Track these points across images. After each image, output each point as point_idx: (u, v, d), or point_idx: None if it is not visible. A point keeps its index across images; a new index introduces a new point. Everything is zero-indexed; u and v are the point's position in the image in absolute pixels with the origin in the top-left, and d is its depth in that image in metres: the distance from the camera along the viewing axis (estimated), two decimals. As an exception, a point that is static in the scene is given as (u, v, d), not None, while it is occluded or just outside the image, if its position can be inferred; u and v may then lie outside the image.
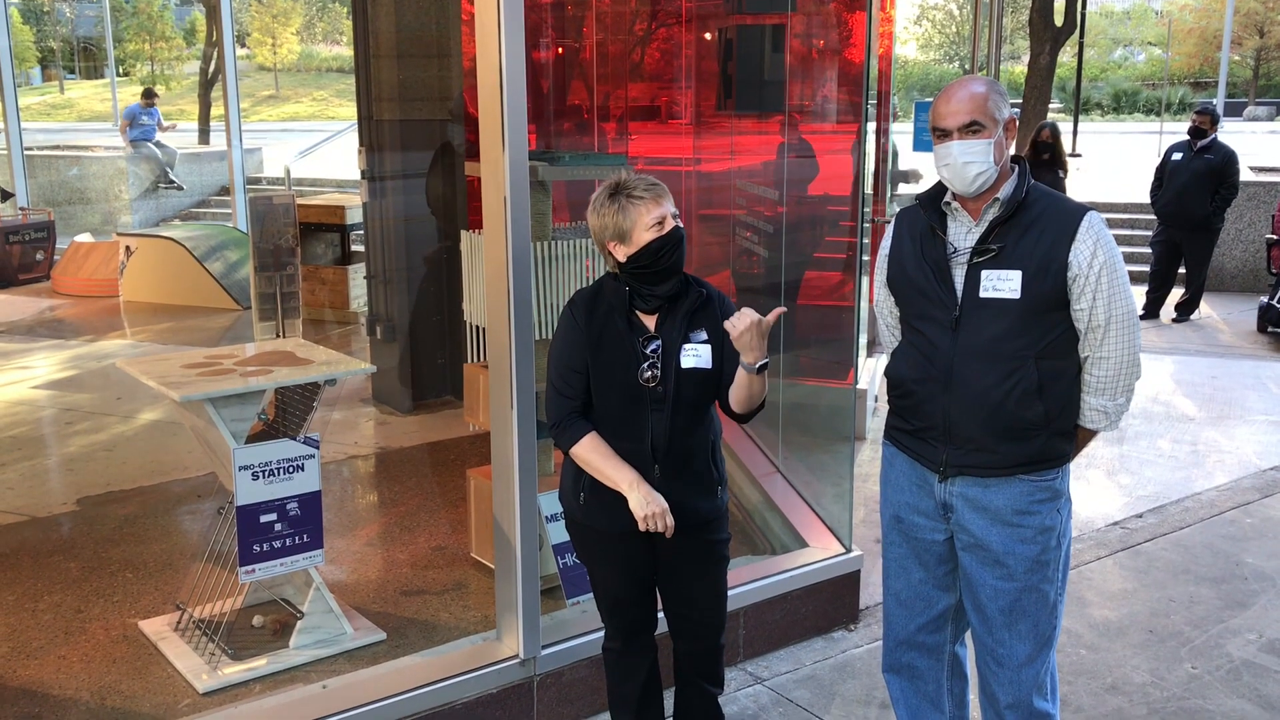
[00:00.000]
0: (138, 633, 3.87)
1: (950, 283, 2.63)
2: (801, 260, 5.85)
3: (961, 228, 2.65)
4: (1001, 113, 2.56)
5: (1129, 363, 2.62)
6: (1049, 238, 2.56)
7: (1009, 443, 2.61)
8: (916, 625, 2.88)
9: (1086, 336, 2.60)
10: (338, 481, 5.48)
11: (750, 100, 6.06)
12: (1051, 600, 2.71)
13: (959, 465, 2.67)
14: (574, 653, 3.57)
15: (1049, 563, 2.68)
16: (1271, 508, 5.53)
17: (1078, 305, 2.58)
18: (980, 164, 2.56)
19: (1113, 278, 2.56)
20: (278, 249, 6.52)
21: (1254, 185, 11.57)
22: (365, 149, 6.57)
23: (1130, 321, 2.60)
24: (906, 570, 2.85)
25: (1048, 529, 2.67)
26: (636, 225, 2.80)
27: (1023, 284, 2.55)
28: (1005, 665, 2.74)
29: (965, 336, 2.60)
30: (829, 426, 5.30)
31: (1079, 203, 2.64)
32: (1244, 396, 7.58)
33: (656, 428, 2.87)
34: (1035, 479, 2.65)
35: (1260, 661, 4.03)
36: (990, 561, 2.68)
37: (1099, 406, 2.67)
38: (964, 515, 2.69)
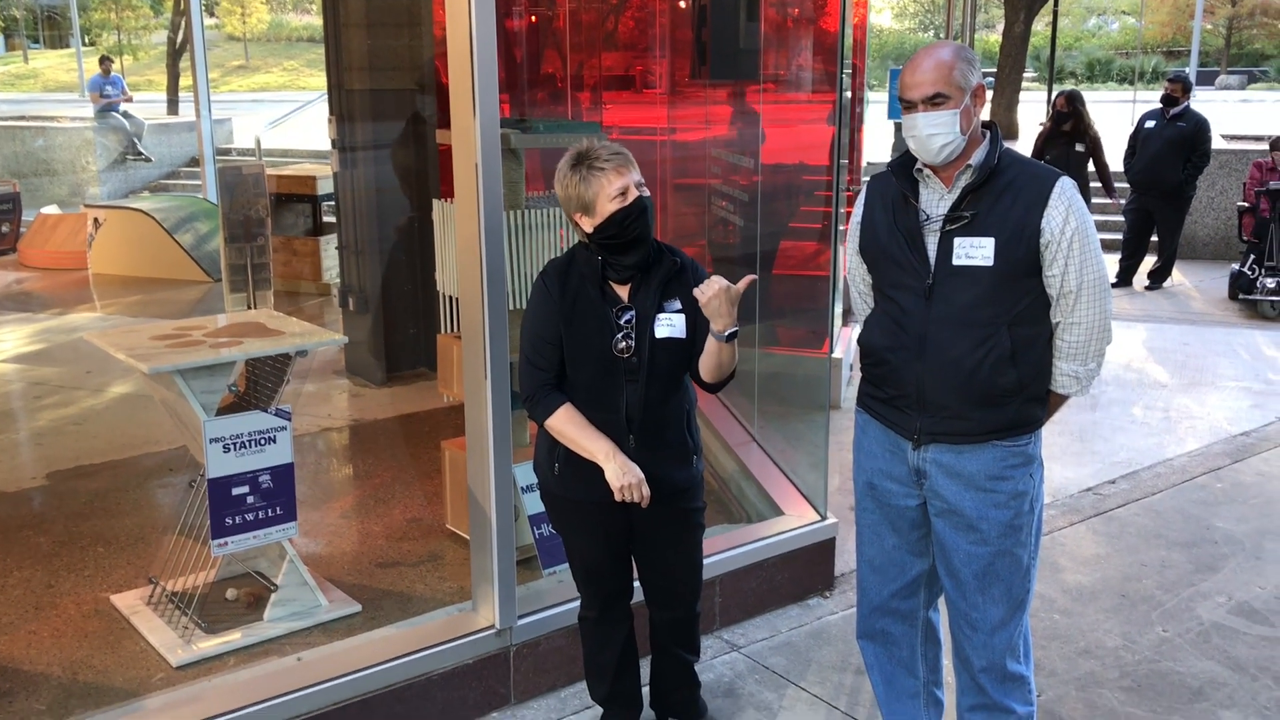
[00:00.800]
0: (110, 607, 3.84)
1: (923, 250, 2.62)
2: (777, 230, 5.83)
3: (934, 195, 2.64)
4: (969, 80, 2.54)
5: (1100, 328, 2.62)
6: (1022, 204, 2.54)
7: (982, 410, 2.61)
8: (890, 591, 2.89)
9: (1058, 303, 2.60)
10: (312, 454, 5.45)
11: (724, 69, 6.02)
12: (1025, 564, 2.72)
13: (932, 432, 2.67)
14: (550, 622, 3.56)
15: (1022, 527, 2.69)
16: (1241, 473, 5.59)
17: (1050, 272, 2.57)
18: (945, 135, 2.54)
19: (1085, 244, 2.55)
20: (248, 220, 6.46)
21: (1226, 153, 11.62)
22: (335, 118, 6.49)
23: (1101, 287, 2.60)
24: (880, 536, 2.86)
25: (1020, 494, 2.67)
26: (599, 196, 2.77)
27: (995, 251, 2.54)
28: (979, 629, 2.75)
29: (938, 304, 2.60)
30: (805, 395, 5.31)
31: (1051, 168, 2.63)
32: (1215, 363, 7.64)
33: (631, 398, 2.85)
34: (1008, 444, 2.65)
35: (1229, 624, 4.08)
36: (964, 526, 2.69)
37: (1070, 372, 2.67)
38: (937, 481, 2.69)
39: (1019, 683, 2.80)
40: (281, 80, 44.50)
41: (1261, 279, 9.15)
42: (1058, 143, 9.40)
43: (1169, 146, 9.62)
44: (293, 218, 9.53)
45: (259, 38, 49.56)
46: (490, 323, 3.26)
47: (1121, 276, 10.26)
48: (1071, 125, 9.39)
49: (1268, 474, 5.56)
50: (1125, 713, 3.52)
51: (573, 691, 3.59)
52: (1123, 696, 3.61)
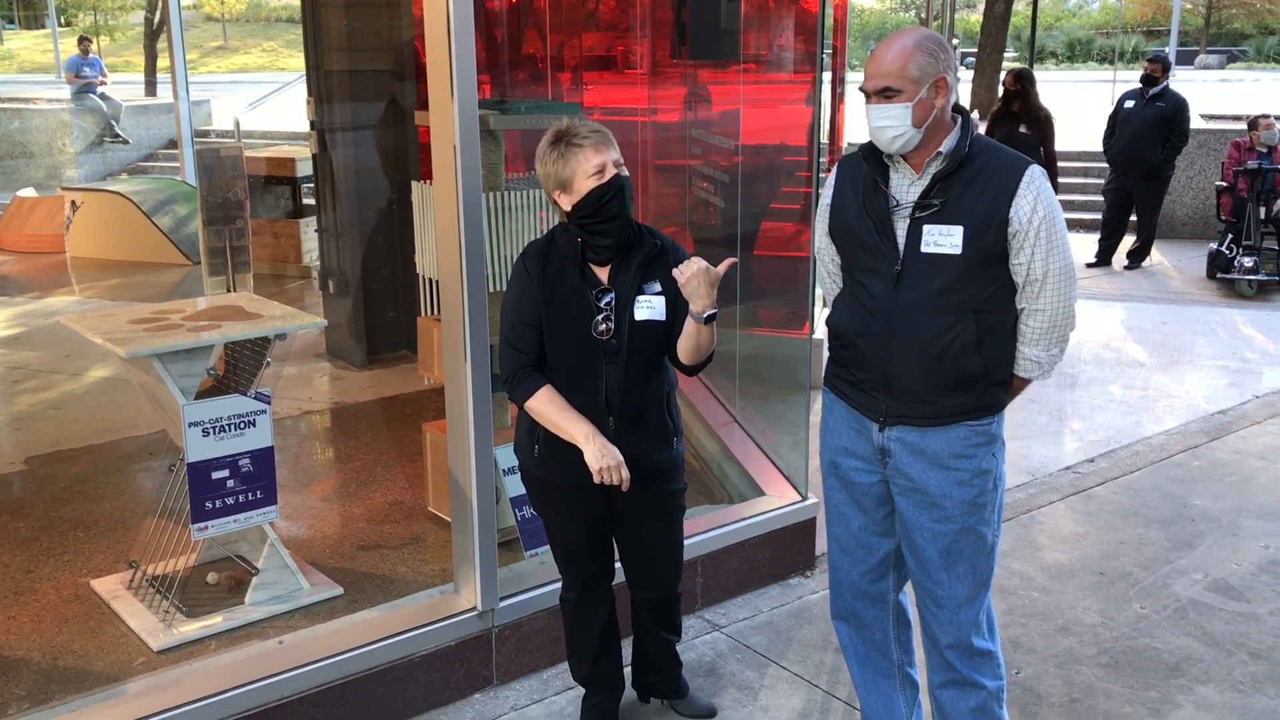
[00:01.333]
0: (90, 592, 3.83)
1: (892, 236, 2.63)
2: (757, 211, 5.83)
3: (904, 180, 2.64)
4: (926, 73, 2.52)
5: (1064, 315, 2.64)
6: (991, 193, 2.55)
7: (948, 394, 2.64)
8: (859, 572, 2.91)
9: (1024, 289, 2.62)
10: (293, 437, 5.43)
11: (705, 49, 6.01)
12: (988, 541, 2.75)
13: (898, 415, 2.69)
14: (532, 604, 3.57)
15: (985, 505, 2.71)
16: (1218, 450, 5.63)
17: (1016, 260, 2.59)
18: (895, 128, 2.55)
19: (1051, 232, 2.57)
20: (226, 202, 6.42)
21: (1204, 133, 11.67)
22: (314, 100, 6.44)
23: (1067, 275, 2.61)
24: (846, 517, 2.88)
25: (983, 472, 2.69)
26: (577, 173, 2.77)
27: (964, 240, 2.55)
28: (944, 606, 2.77)
29: (906, 290, 2.61)
30: (785, 376, 5.31)
31: (1021, 156, 2.64)
32: (1193, 342, 7.69)
33: (611, 380, 2.85)
34: (972, 424, 2.67)
35: (1205, 600, 4.12)
36: (927, 505, 2.71)
37: (1033, 357, 2.69)
38: (901, 459, 2.72)
39: (987, 658, 2.82)
40: (260, 61, 44.18)
41: (1239, 258, 9.21)
42: (1004, 123, 9.20)
43: (1148, 126, 9.67)
44: (272, 200, 9.47)
45: (237, 18, 49.16)
46: (470, 305, 3.25)
47: (1101, 256, 10.31)
48: (1019, 105, 9.00)
49: (1244, 452, 5.61)
50: (1103, 689, 3.56)
51: (555, 672, 3.61)
52: (1100, 673, 3.65)
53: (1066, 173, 13.39)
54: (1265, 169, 9.28)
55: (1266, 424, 6.02)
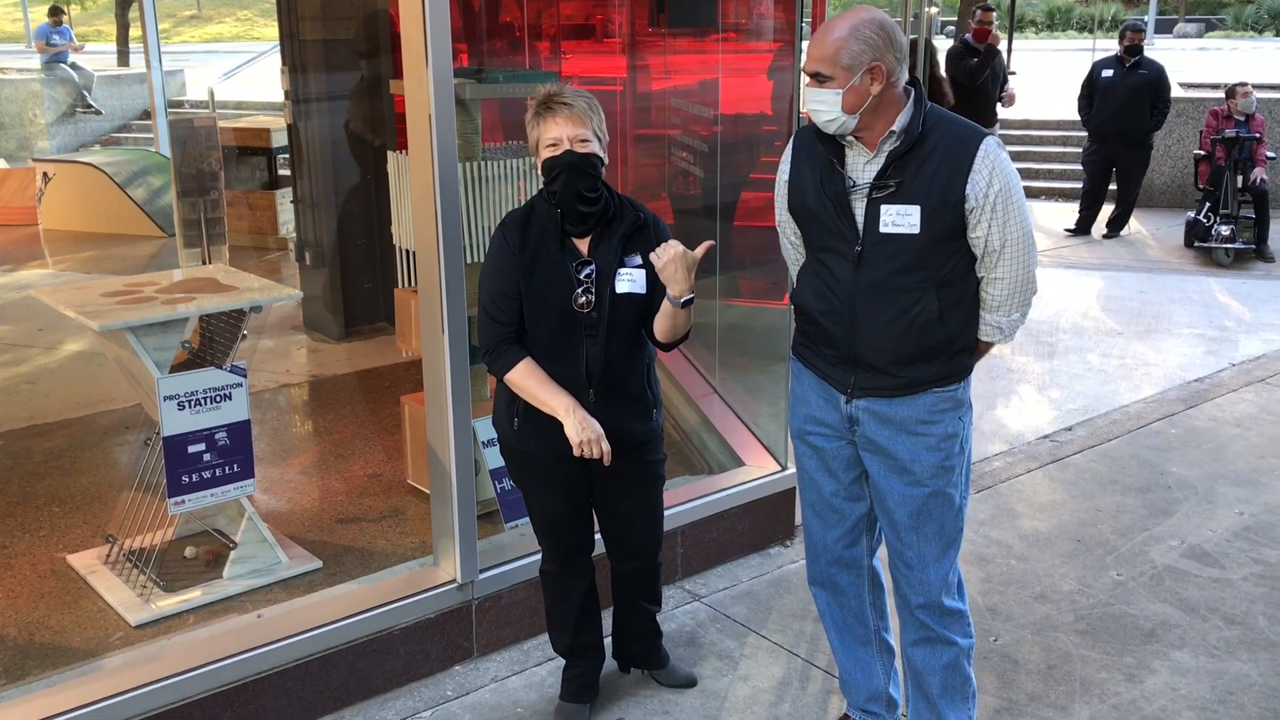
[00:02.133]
0: (66, 567, 3.80)
1: (851, 217, 2.63)
2: (737, 181, 5.80)
3: (860, 159, 2.63)
4: (860, 60, 2.50)
5: (1024, 281, 2.66)
6: (945, 171, 2.55)
7: (913, 366, 2.66)
8: (834, 537, 2.93)
9: (983, 259, 2.64)
10: (271, 410, 5.40)
11: (683, 17, 5.96)
12: (957, 503, 2.79)
13: (865, 388, 2.72)
14: (512, 576, 3.57)
15: (953, 468, 2.74)
16: (1195, 418, 5.67)
17: (974, 233, 2.60)
18: (827, 113, 2.55)
19: (1007, 203, 2.57)
20: (201, 174, 6.35)
21: (1183, 101, 11.68)
22: (288, 69, 6.37)
23: (1025, 243, 2.62)
24: (817, 483, 2.90)
25: (951, 436, 2.72)
26: (540, 140, 2.79)
27: (922, 219, 2.56)
28: (914, 567, 2.81)
29: (867, 270, 2.62)
30: (765, 347, 5.31)
31: (975, 128, 2.62)
32: (1170, 310, 7.73)
33: (591, 353, 2.84)
34: (939, 391, 2.70)
35: (1181, 566, 4.16)
36: (897, 469, 2.74)
37: (994, 322, 2.71)
38: (869, 427, 2.74)
39: (957, 616, 2.86)
40: (235, 31, 43.63)
41: (1216, 226, 9.25)
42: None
43: (1133, 94, 9.69)
44: (247, 171, 9.38)
45: (211, -14, 48.46)
46: (447, 276, 3.23)
47: (1080, 225, 10.34)
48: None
49: (1220, 419, 5.65)
50: (1080, 655, 3.59)
51: (535, 644, 3.61)
52: (1077, 639, 3.68)
53: (1047, 142, 13.42)
54: (1243, 137, 9.31)
55: (1242, 391, 6.06)
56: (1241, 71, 19.26)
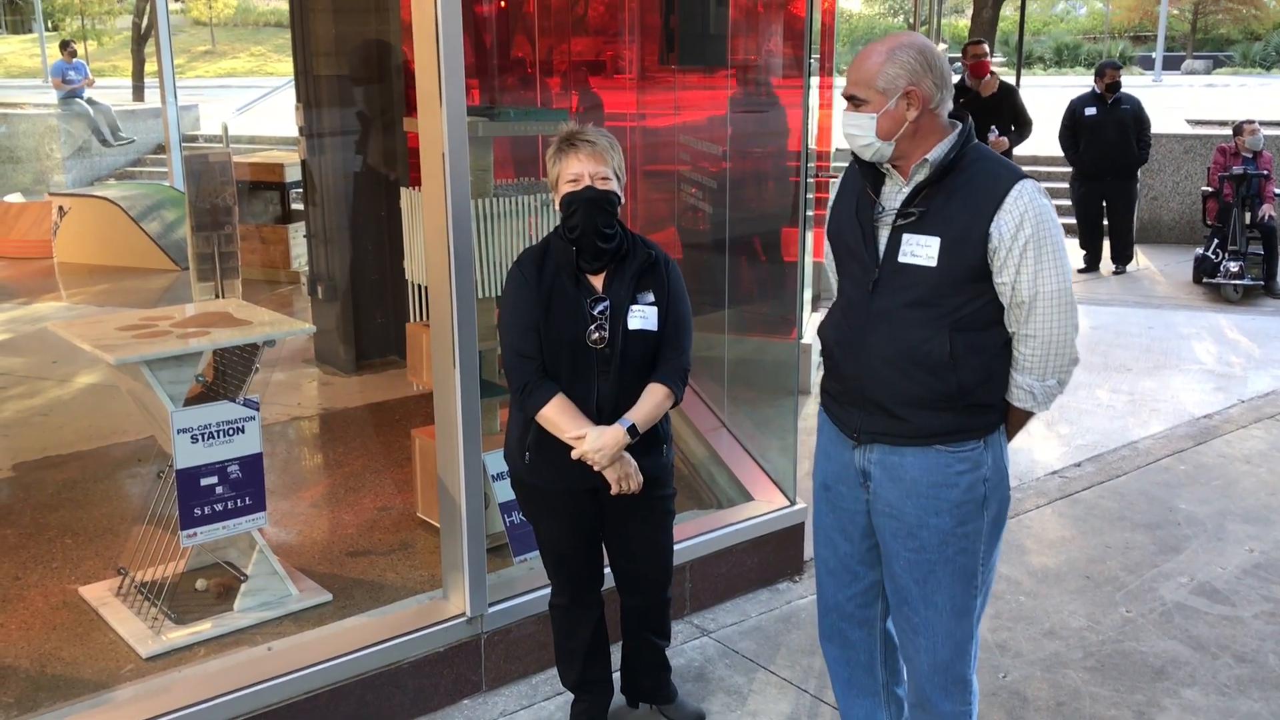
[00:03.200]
0: (78, 599, 3.82)
1: (874, 244, 2.56)
2: (746, 215, 5.84)
3: (894, 187, 2.57)
4: (896, 83, 2.44)
5: (1060, 343, 2.49)
6: (972, 206, 2.44)
7: (920, 411, 2.52)
8: (846, 595, 2.82)
9: (1010, 312, 2.49)
10: (282, 443, 5.43)
11: (693, 54, 6.02)
12: (970, 573, 2.62)
13: (871, 432, 2.59)
14: (521, 610, 3.58)
15: (967, 534, 2.58)
16: (1204, 455, 5.67)
17: (1000, 279, 2.46)
18: (863, 137, 2.49)
19: (1040, 252, 2.43)
20: (215, 208, 6.41)
21: (1190, 138, 11.74)
22: (303, 105, 6.44)
23: (1061, 300, 2.47)
24: (834, 543, 2.79)
25: (965, 502, 2.56)
26: (560, 176, 2.83)
27: (940, 252, 2.44)
28: (920, 634, 2.68)
29: (880, 299, 2.53)
30: (774, 381, 5.33)
31: (1014, 168, 2.50)
32: (1179, 346, 7.73)
33: (603, 388, 2.87)
34: (951, 450, 2.55)
35: (1191, 604, 4.15)
36: (903, 533, 2.61)
37: (1025, 385, 2.54)
38: (880, 484, 2.62)
39: (960, 686, 2.72)
40: (249, 65, 44.09)
41: (1225, 263, 9.26)
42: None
43: (1120, 130, 9.81)
44: (261, 205, 9.47)
45: (225, 22, 49.06)
46: (459, 311, 3.26)
47: (1088, 262, 10.36)
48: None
49: (1230, 456, 5.64)
50: (1089, 692, 3.58)
51: (544, 678, 3.61)
52: (1087, 676, 3.67)
53: (1055, 178, 13.47)
54: (1250, 174, 9.34)
55: (1252, 428, 6.06)
56: (1249, 108, 19.33)
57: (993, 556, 2.68)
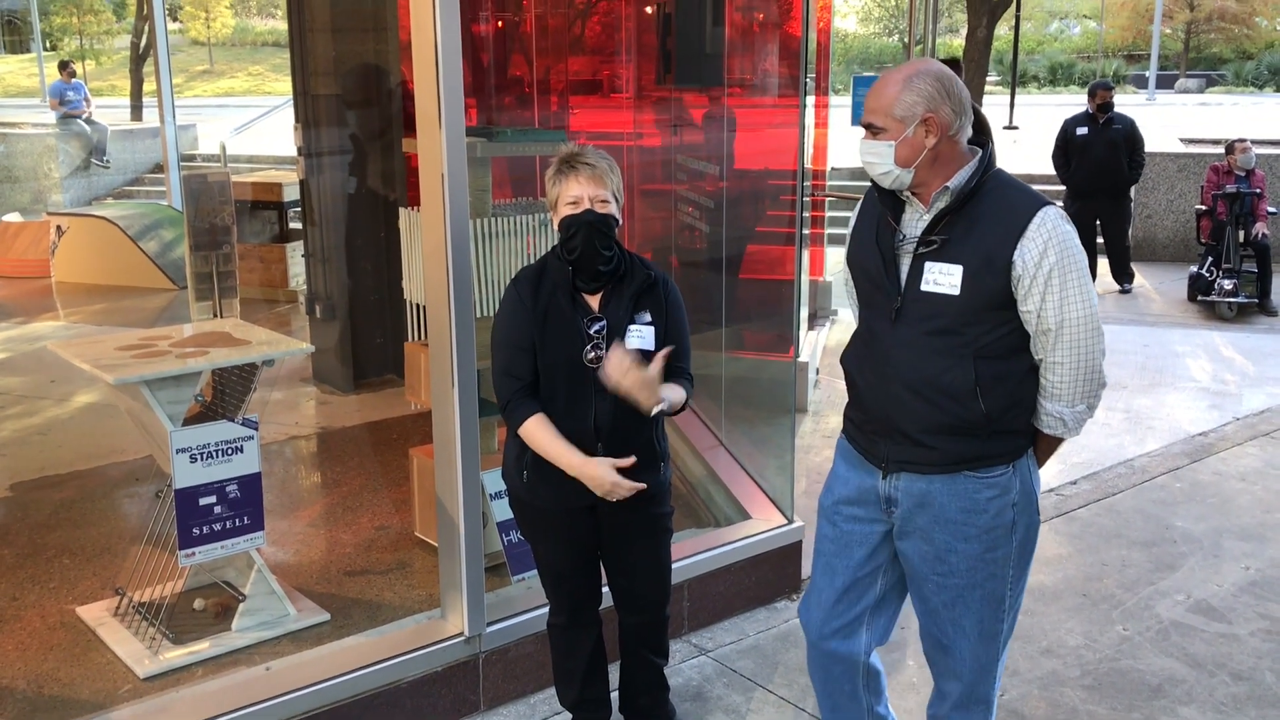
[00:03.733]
0: (75, 619, 3.82)
1: (896, 272, 2.54)
2: (743, 234, 5.87)
3: (914, 215, 2.55)
4: (914, 111, 2.43)
5: (1087, 370, 2.49)
6: (995, 234, 2.44)
7: (947, 439, 2.52)
8: (831, 629, 2.80)
9: (1037, 339, 2.49)
10: (280, 462, 5.43)
11: (689, 74, 6.06)
12: (999, 597, 2.62)
13: (899, 460, 2.58)
14: (519, 629, 3.58)
15: (996, 560, 2.58)
16: (1200, 472, 5.68)
17: (1025, 307, 2.45)
18: (881, 165, 2.48)
19: (1065, 279, 2.42)
20: (213, 228, 6.43)
21: (1184, 157, 11.80)
22: (301, 125, 6.47)
23: (1088, 326, 2.45)
24: (833, 570, 2.78)
25: (994, 528, 2.56)
26: (560, 198, 2.85)
27: (963, 280, 2.44)
28: (950, 654, 2.69)
29: (903, 328, 2.52)
30: (771, 399, 5.35)
31: (1037, 196, 2.49)
32: (1174, 364, 7.76)
33: (600, 408, 2.88)
34: (980, 476, 2.54)
35: (1188, 621, 4.16)
36: (932, 557, 2.61)
37: (1055, 412, 2.53)
38: (908, 510, 2.61)
39: (982, 707, 2.75)
40: (246, 85, 44.25)
41: (1219, 280, 9.30)
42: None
43: (1112, 149, 9.85)
44: (259, 225, 9.50)
45: (223, 42, 49.24)
46: (457, 330, 3.27)
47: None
48: None
49: (1225, 473, 5.66)
50: (1087, 711, 3.58)
51: (542, 698, 3.61)
52: (1084, 695, 3.67)
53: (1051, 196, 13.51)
54: (1243, 193, 9.39)
55: (1247, 445, 6.07)
56: (1242, 127, 19.44)
57: (1021, 580, 2.68)
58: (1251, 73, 46.26)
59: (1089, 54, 48.72)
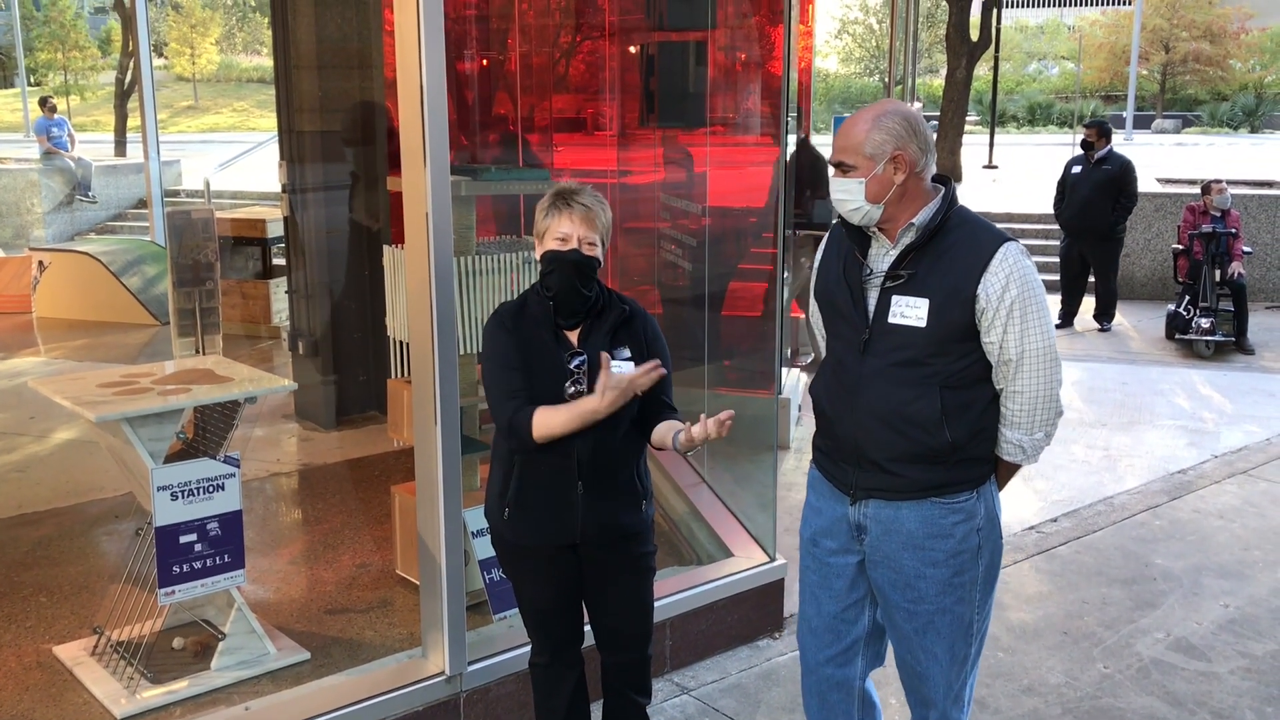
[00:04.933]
0: (52, 658, 3.78)
1: (864, 305, 2.63)
2: (725, 271, 5.91)
3: (881, 250, 2.65)
4: (884, 149, 2.53)
5: (1045, 398, 2.59)
6: (959, 269, 2.53)
7: (914, 467, 2.60)
8: (826, 656, 2.87)
9: (999, 369, 2.58)
10: (260, 499, 5.41)
11: (672, 114, 6.13)
12: (968, 621, 2.70)
13: (867, 488, 2.67)
14: (501, 668, 3.57)
15: (963, 584, 2.67)
16: (1179, 510, 5.72)
17: (988, 338, 2.55)
18: (851, 202, 2.58)
19: (1026, 312, 2.53)
20: (197, 264, 6.43)
21: (1161, 196, 11.93)
22: (286, 162, 6.49)
23: (1047, 357, 2.56)
24: (819, 600, 2.84)
25: (960, 552, 2.65)
26: (549, 232, 2.87)
27: (929, 313, 2.53)
28: (923, 679, 2.76)
29: (872, 359, 2.61)
30: (753, 436, 5.36)
31: (999, 232, 2.60)
32: (1153, 402, 7.82)
33: (581, 443, 2.88)
34: (946, 501, 2.63)
35: (1168, 659, 4.17)
36: (901, 584, 2.68)
37: (1015, 440, 2.64)
38: (877, 537, 2.69)
39: None
40: (231, 121, 44.35)
41: (1196, 319, 9.39)
42: None
43: (1097, 190, 9.93)
44: (242, 260, 9.49)
45: (208, 78, 49.40)
46: (440, 367, 3.28)
47: (1063, 318, 10.48)
48: None
49: (1204, 511, 5.69)
50: (1068, 749, 3.58)
51: (523, 737, 3.59)
52: (1065, 733, 3.67)
53: (1028, 235, 13.67)
54: (1219, 232, 9.50)
55: (1225, 483, 6.12)
56: (1218, 167, 19.69)
57: (987, 604, 2.76)
58: (1226, 114, 46.96)
59: (1067, 94, 49.32)
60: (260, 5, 47.92)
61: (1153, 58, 47.45)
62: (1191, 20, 47.29)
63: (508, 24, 6.90)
